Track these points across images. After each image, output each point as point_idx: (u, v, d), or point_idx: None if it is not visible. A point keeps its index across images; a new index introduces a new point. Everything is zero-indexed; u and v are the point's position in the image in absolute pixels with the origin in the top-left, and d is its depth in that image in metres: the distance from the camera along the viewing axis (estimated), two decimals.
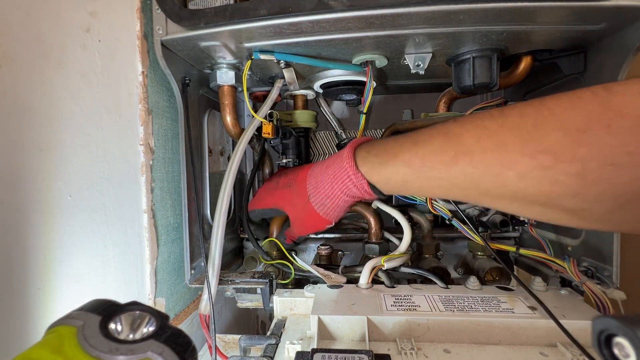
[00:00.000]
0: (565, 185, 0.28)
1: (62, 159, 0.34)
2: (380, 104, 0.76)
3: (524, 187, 0.30)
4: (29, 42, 0.31)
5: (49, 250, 0.32)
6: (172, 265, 0.51)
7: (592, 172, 0.27)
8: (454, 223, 0.51)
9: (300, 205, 0.47)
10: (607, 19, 0.39)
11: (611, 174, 0.26)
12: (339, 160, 0.41)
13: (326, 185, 0.42)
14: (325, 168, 0.43)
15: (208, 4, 0.42)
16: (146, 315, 0.19)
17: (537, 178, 0.29)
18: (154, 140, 0.47)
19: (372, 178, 0.39)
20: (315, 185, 0.44)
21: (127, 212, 0.43)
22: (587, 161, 0.27)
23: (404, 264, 0.49)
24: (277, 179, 0.53)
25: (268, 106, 0.53)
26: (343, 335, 0.37)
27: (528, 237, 0.62)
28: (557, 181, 0.28)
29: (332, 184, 0.42)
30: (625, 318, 0.19)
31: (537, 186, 0.29)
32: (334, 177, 0.41)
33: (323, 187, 0.43)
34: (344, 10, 0.37)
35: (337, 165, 0.41)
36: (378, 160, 0.38)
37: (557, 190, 0.28)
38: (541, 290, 0.44)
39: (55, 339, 0.18)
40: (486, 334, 0.36)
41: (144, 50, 0.45)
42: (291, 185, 0.49)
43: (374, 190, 0.39)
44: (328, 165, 0.43)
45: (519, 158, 0.29)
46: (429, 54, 0.47)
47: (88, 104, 0.37)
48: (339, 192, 0.41)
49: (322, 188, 0.43)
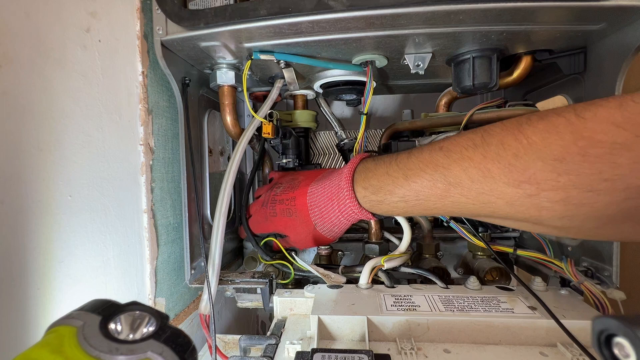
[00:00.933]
0: (552, 210, 0.29)
1: (62, 159, 0.34)
2: (380, 104, 0.76)
3: (513, 212, 0.32)
4: (29, 42, 0.31)
5: (49, 250, 0.32)
6: (172, 265, 0.51)
7: (574, 198, 0.28)
8: (452, 225, 0.51)
9: (305, 233, 0.49)
10: (607, 19, 0.39)
11: (592, 199, 0.27)
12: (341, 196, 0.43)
13: (332, 218, 0.45)
14: (328, 200, 0.45)
15: (208, 4, 0.42)
16: (146, 315, 0.19)
17: (525, 205, 0.30)
18: (154, 140, 0.47)
19: (375, 211, 0.42)
20: (321, 216, 0.46)
21: (127, 212, 0.43)
22: (569, 188, 0.28)
23: (404, 264, 0.49)
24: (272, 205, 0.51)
25: (268, 106, 0.53)
26: (343, 335, 0.37)
27: (528, 237, 0.62)
28: (543, 207, 0.30)
29: (337, 217, 0.45)
30: (625, 318, 0.19)
31: (525, 212, 0.31)
32: (339, 212, 0.44)
33: (329, 219, 0.46)
34: (344, 11, 0.37)
35: (341, 201, 0.43)
36: (376, 198, 0.40)
37: (544, 214, 0.30)
38: (541, 290, 0.44)
39: (55, 339, 0.18)
40: (486, 334, 0.36)
41: (144, 51, 0.45)
42: (291, 213, 0.49)
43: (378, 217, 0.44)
44: (330, 198, 0.45)
45: (505, 188, 0.31)
46: (429, 54, 0.47)
47: (88, 104, 0.37)
48: (344, 221, 0.45)
49: (329, 220, 0.46)
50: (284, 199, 0.50)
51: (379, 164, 0.41)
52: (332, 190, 0.44)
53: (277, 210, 0.51)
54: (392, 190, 0.38)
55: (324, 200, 0.45)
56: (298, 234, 0.50)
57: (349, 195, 0.42)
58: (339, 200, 0.43)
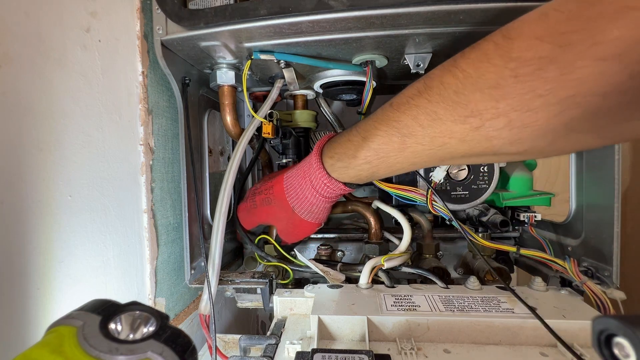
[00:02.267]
0: (500, 138, 0.30)
1: (62, 159, 0.34)
2: (380, 104, 0.76)
3: (469, 148, 0.32)
4: (29, 42, 0.31)
5: (49, 250, 0.32)
6: (172, 265, 0.51)
7: (516, 121, 0.28)
8: (455, 224, 0.51)
9: (286, 218, 0.49)
10: None
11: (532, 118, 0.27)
12: (311, 170, 0.44)
13: (307, 195, 0.46)
14: (301, 179, 0.46)
15: (208, 4, 0.42)
16: (146, 315, 0.19)
17: (475, 139, 0.31)
18: (154, 140, 0.47)
19: (345, 179, 0.43)
20: (296, 197, 0.47)
21: (127, 212, 0.43)
22: (509, 113, 0.28)
23: (404, 263, 0.49)
24: (252, 197, 0.53)
25: (268, 106, 0.53)
26: (343, 335, 0.37)
27: (528, 237, 0.62)
28: (492, 137, 0.30)
29: (312, 193, 0.45)
30: (625, 318, 0.19)
31: (478, 145, 0.31)
32: (312, 187, 0.45)
33: (304, 197, 0.46)
34: (344, 10, 0.37)
35: (312, 176, 0.44)
36: (342, 164, 0.41)
37: (496, 143, 0.30)
38: (541, 290, 0.44)
39: (55, 339, 0.18)
40: (486, 334, 0.36)
41: (144, 50, 0.45)
42: (270, 201, 0.50)
43: (350, 187, 0.44)
44: (303, 176, 0.46)
45: (454, 126, 0.31)
46: (429, 54, 0.47)
47: (88, 104, 0.37)
48: (321, 198, 0.45)
49: (304, 198, 0.46)
50: (262, 190, 0.52)
51: (342, 134, 0.43)
52: (303, 169, 0.46)
53: (256, 201, 0.52)
54: (355, 154, 0.39)
55: (298, 180, 0.46)
56: (280, 220, 0.51)
57: (317, 166, 0.43)
58: (310, 176, 0.44)
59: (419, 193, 0.49)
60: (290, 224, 0.50)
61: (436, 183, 0.49)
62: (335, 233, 0.70)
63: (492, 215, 0.55)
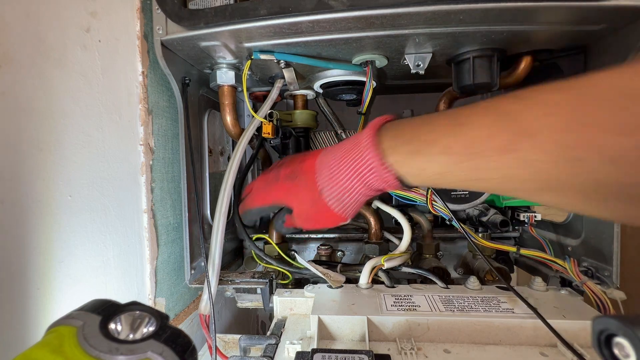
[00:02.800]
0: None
1: (62, 159, 0.34)
2: (380, 104, 0.76)
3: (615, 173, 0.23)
4: (29, 42, 0.31)
5: (49, 250, 0.32)
6: (172, 265, 0.51)
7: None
8: (455, 224, 0.51)
9: (310, 201, 0.39)
10: (607, 19, 0.39)
11: None
12: (358, 148, 0.34)
13: (343, 178, 0.36)
14: (341, 157, 0.36)
15: (208, 4, 0.42)
16: (146, 315, 0.19)
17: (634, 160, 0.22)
18: (154, 140, 0.47)
19: (402, 169, 0.32)
20: (329, 177, 0.37)
21: (127, 212, 0.43)
22: None
23: (404, 263, 0.49)
24: (277, 170, 0.44)
25: (268, 106, 0.53)
26: (343, 335, 0.37)
27: (528, 237, 0.62)
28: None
29: (350, 176, 0.35)
30: (625, 318, 0.19)
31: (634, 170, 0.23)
32: (353, 169, 0.35)
33: (339, 179, 0.36)
34: (344, 10, 0.37)
35: (357, 154, 0.34)
36: (409, 148, 0.31)
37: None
38: (541, 290, 0.44)
39: (55, 339, 0.18)
40: (486, 334, 0.36)
41: (144, 50, 0.45)
42: (295, 176, 0.41)
43: (401, 183, 0.33)
44: (344, 153, 0.36)
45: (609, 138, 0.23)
46: (429, 54, 0.47)
47: (88, 104, 0.37)
48: (360, 186, 0.35)
49: (338, 181, 0.36)
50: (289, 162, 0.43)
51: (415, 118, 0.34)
52: (347, 145, 0.36)
53: (280, 175, 0.43)
54: (435, 139, 0.30)
55: (337, 158, 0.37)
56: (301, 202, 0.41)
57: (368, 144, 0.33)
58: (355, 154, 0.34)
59: (419, 193, 0.49)
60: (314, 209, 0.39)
61: None
62: (335, 233, 0.70)
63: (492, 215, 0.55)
